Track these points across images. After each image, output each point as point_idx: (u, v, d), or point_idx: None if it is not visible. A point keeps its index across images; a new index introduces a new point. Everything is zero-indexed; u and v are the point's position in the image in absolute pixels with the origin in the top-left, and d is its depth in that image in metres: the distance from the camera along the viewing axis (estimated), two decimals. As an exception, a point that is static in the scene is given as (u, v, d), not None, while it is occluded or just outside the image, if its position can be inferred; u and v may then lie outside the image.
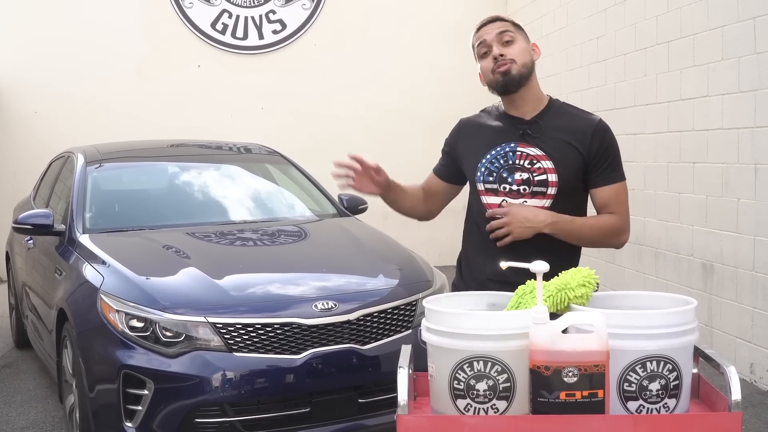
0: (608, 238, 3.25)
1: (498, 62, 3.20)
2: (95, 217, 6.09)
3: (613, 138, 3.26)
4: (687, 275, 7.21)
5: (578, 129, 3.22)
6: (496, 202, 3.22)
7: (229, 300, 4.80)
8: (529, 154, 3.20)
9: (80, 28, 11.47)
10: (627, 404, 2.33)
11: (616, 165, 3.24)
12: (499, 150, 3.25)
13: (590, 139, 3.20)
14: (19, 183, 10.76)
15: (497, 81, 3.22)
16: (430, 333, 2.43)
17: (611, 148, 3.24)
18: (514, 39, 3.24)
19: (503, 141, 3.26)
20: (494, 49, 3.21)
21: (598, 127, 3.23)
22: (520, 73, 3.20)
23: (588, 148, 3.19)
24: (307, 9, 11.96)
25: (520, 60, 3.21)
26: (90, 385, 4.71)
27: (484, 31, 3.27)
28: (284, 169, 7.23)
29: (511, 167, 3.21)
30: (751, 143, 6.29)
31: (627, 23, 8.25)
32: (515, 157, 3.21)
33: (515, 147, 3.23)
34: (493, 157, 3.25)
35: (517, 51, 3.22)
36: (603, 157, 3.20)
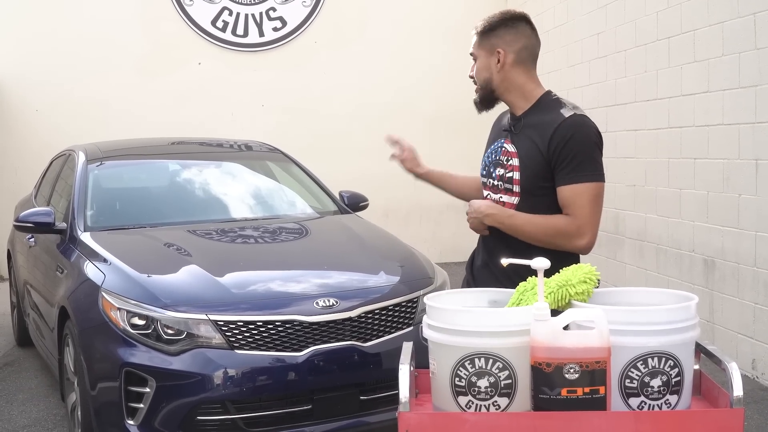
0: (555, 239, 3.12)
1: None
2: (96, 215, 6.09)
3: (582, 137, 3.12)
4: (688, 271, 7.21)
5: (543, 126, 3.16)
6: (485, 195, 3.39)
7: (230, 297, 4.80)
8: (508, 151, 3.26)
9: (81, 26, 11.47)
10: (628, 401, 2.33)
11: (578, 165, 3.09)
12: (495, 146, 3.36)
13: (550, 138, 3.11)
14: (21, 181, 10.77)
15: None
16: (431, 330, 2.43)
17: (573, 146, 3.09)
18: (476, 57, 3.33)
19: (499, 137, 3.37)
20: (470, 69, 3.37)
21: (564, 124, 3.11)
22: (480, 97, 3.35)
23: (547, 147, 3.11)
24: (308, 6, 11.95)
25: (479, 81, 3.33)
26: (92, 383, 4.71)
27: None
28: (285, 167, 7.23)
29: (496, 162, 3.31)
30: (751, 139, 6.28)
31: (627, 19, 8.24)
32: (501, 153, 3.30)
33: (502, 143, 3.32)
34: (491, 152, 3.37)
35: (476, 72, 3.33)
36: (562, 156, 3.09)
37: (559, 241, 3.12)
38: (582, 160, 3.10)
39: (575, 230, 3.11)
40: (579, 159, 3.10)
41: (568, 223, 3.11)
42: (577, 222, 3.11)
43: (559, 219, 3.12)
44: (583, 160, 3.10)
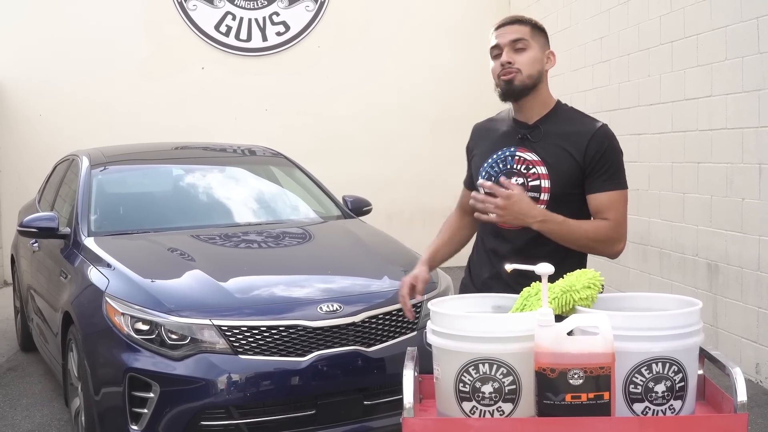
0: (599, 244, 3.19)
1: (504, 69, 3.19)
2: (100, 220, 6.10)
3: (614, 146, 3.21)
4: (692, 275, 7.21)
5: (576, 135, 3.19)
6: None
7: (234, 302, 4.81)
8: (526, 159, 3.19)
9: (84, 30, 11.48)
10: (633, 406, 2.33)
11: (614, 173, 3.18)
12: (500, 154, 3.26)
13: (587, 145, 3.16)
14: (24, 185, 10.79)
15: (499, 87, 3.24)
16: (435, 335, 2.43)
17: (609, 155, 3.18)
18: (527, 47, 3.21)
19: (505, 145, 3.27)
20: (504, 54, 3.20)
21: (597, 133, 3.19)
22: (522, 84, 3.19)
23: (584, 155, 3.16)
24: (311, 11, 11.97)
25: (527, 71, 3.19)
26: (95, 388, 4.71)
27: (500, 33, 3.25)
28: (288, 171, 7.23)
29: (508, 171, 3.20)
30: (755, 143, 6.28)
31: (630, 23, 8.24)
32: (513, 161, 3.21)
33: (515, 151, 3.23)
34: (494, 161, 3.26)
35: (526, 60, 3.19)
36: (599, 164, 3.16)
37: (600, 246, 3.22)
38: (618, 169, 3.20)
39: (617, 235, 3.20)
40: (615, 167, 3.19)
41: (610, 229, 3.18)
42: (618, 227, 3.20)
43: (602, 224, 3.18)
44: (618, 168, 3.21)
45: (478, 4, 11.98)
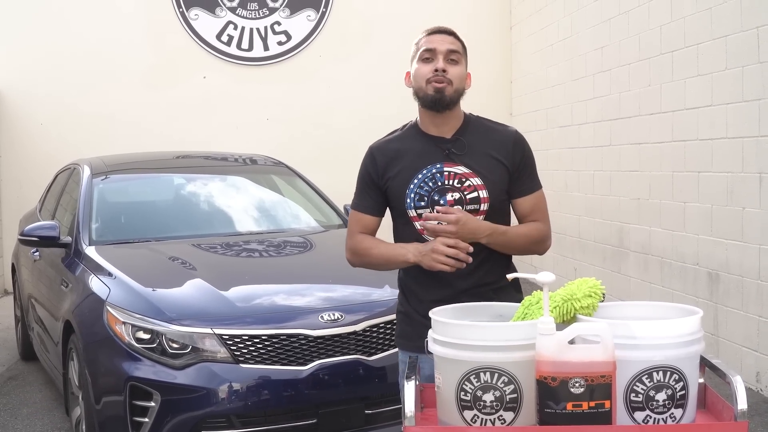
0: (535, 245, 3.28)
1: (438, 76, 3.16)
2: (101, 229, 6.11)
3: (530, 148, 3.32)
4: (693, 284, 7.21)
5: (499, 142, 3.24)
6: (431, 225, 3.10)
7: (235, 311, 4.81)
8: (457, 173, 3.17)
9: (86, 39, 11.50)
10: (634, 414, 2.33)
11: (534, 174, 3.30)
12: (426, 173, 3.19)
13: (512, 151, 3.22)
14: (25, 194, 10.79)
15: (428, 94, 3.18)
16: (436, 344, 2.44)
17: (529, 157, 3.29)
18: (459, 62, 3.22)
19: (428, 163, 3.20)
20: (439, 61, 3.18)
21: (517, 137, 3.28)
22: (451, 98, 3.18)
23: (511, 160, 3.21)
24: (312, 20, 11.99)
25: (456, 84, 3.18)
26: (96, 397, 4.71)
27: (436, 39, 3.24)
28: (290, 180, 7.24)
29: (441, 188, 3.16)
30: (755, 152, 6.29)
31: (631, 33, 8.25)
32: (443, 177, 3.17)
33: (442, 168, 3.18)
34: (421, 181, 3.18)
35: (457, 74, 3.19)
36: (524, 168, 3.25)
37: (537, 247, 3.30)
38: (535, 169, 3.33)
39: (548, 234, 3.32)
40: (534, 168, 3.32)
41: (542, 229, 3.28)
42: (548, 226, 3.32)
43: (535, 226, 3.27)
44: (535, 168, 3.33)
45: (481, 17, 12.00)
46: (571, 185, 9.87)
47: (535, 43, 10.99)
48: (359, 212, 3.41)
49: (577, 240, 9.72)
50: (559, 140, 10.19)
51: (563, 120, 10.00)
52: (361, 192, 3.42)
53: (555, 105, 10.34)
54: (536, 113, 10.99)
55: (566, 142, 9.97)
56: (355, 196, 3.46)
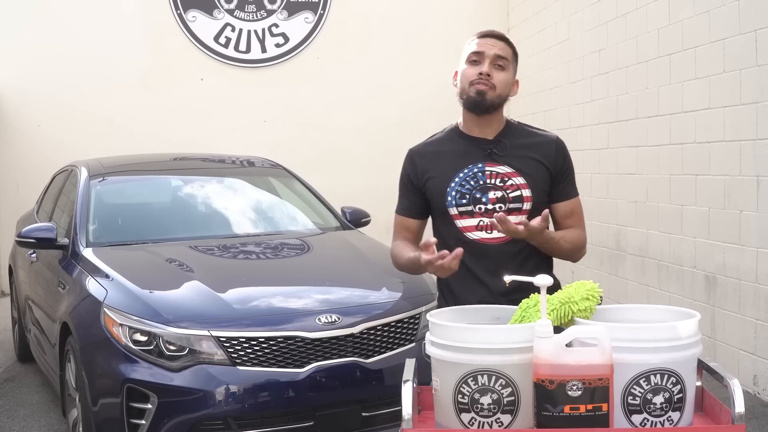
0: (576, 253, 3.31)
1: (481, 79, 3.19)
2: (98, 231, 6.10)
3: (569, 154, 3.36)
4: (690, 287, 7.21)
5: (541, 145, 3.29)
6: (473, 223, 3.19)
7: (232, 313, 4.81)
8: (499, 173, 3.20)
9: (84, 41, 11.49)
10: (631, 417, 2.33)
11: (573, 180, 3.35)
12: (468, 172, 3.22)
13: (555, 155, 3.27)
14: (22, 196, 10.77)
15: (469, 95, 3.22)
16: (434, 347, 2.44)
17: (570, 163, 3.34)
18: (506, 68, 3.23)
19: (470, 162, 3.24)
20: (485, 65, 3.20)
21: (559, 142, 3.33)
22: (492, 102, 3.20)
23: (554, 164, 3.26)
24: (310, 22, 11.99)
25: (500, 90, 3.20)
26: (93, 399, 4.71)
27: (485, 43, 3.24)
28: (287, 182, 7.23)
29: (483, 187, 3.19)
30: (753, 155, 6.29)
31: (629, 36, 8.26)
32: (485, 176, 3.20)
33: (483, 167, 3.22)
34: (462, 179, 3.22)
35: (502, 80, 3.21)
36: (565, 173, 3.30)
37: (577, 253, 3.33)
38: (574, 176, 3.37)
39: (585, 240, 3.36)
40: (573, 174, 3.36)
41: (583, 237, 3.33)
42: (585, 232, 3.36)
43: (577, 233, 3.31)
44: (574, 175, 3.37)
45: (478, 20, 11.95)
46: (568, 188, 9.85)
47: (532, 46, 11.00)
48: (401, 215, 3.46)
49: (575, 243, 9.70)
50: (556, 143, 10.18)
51: (561, 123, 9.99)
52: (402, 195, 3.45)
53: (552, 108, 10.35)
54: (534, 116, 10.99)
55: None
56: (398, 200, 3.48)
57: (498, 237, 3.16)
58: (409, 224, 3.42)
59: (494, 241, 3.18)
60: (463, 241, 3.18)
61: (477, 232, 3.20)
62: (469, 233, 3.20)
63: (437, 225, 3.34)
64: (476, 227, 3.20)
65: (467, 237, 3.20)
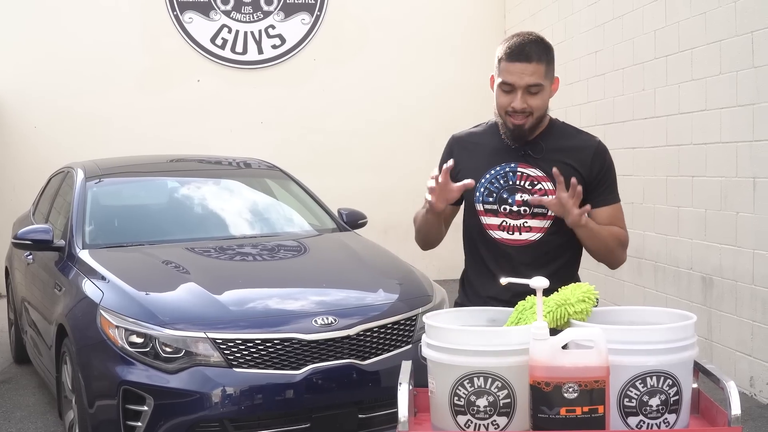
0: (619, 248, 3.23)
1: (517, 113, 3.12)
2: (95, 233, 6.09)
3: (612, 160, 3.29)
4: (686, 289, 7.21)
5: (578, 150, 3.23)
6: (496, 222, 3.19)
7: (228, 315, 4.80)
8: (530, 175, 3.18)
9: (80, 42, 11.48)
10: (627, 420, 2.33)
11: (614, 186, 3.27)
12: (499, 170, 3.21)
13: (591, 161, 3.21)
14: (19, 197, 10.76)
15: (507, 126, 3.17)
16: (430, 349, 2.43)
17: (611, 169, 3.27)
18: (540, 90, 3.13)
19: (503, 161, 3.22)
20: (518, 100, 3.10)
21: (599, 149, 3.25)
22: (531, 126, 3.16)
23: (589, 170, 3.20)
24: (307, 24, 11.98)
25: (537, 113, 3.14)
26: (89, 401, 4.70)
27: (515, 72, 3.11)
28: (284, 184, 7.23)
29: (511, 188, 3.18)
30: (749, 157, 6.30)
31: (625, 37, 8.27)
32: (515, 177, 3.19)
33: (515, 167, 3.20)
34: (493, 177, 3.21)
35: (539, 104, 3.14)
36: (603, 179, 3.23)
37: (620, 251, 3.26)
38: (615, 182, 3.30)
39: (628, 242, 3.29)
40: (614, 181, 3.28)
41: (626, 235, 3.27)
42: (627, 235, 3.29)
43: (620, 230, 3.25)
44: (615, 181, 3.30)
45: (475, 22, 12.01)
46: (565, 189, 9.86)
47: (529, 48, 10.99)
48: None
49: (571, 244, 9.71)
50: (553, 144, 10.18)
51: (557, 124, 10.00)
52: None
53: (549, 109, 10.33)
54: (530, 117, 11.00)
55: (560, 147, 9.97)
56: None
57: (519, 239, 3.17)
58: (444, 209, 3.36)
59: (515, 242, 3.18)
60: (486, 238, 3.21)
61: (499, 232, 3.20)
62: (491, 231, 3.21)
63: (465, 216, 3.35)
64: (499, 227, 3.20)
65: (489, 235, 3.21)
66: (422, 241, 3.47)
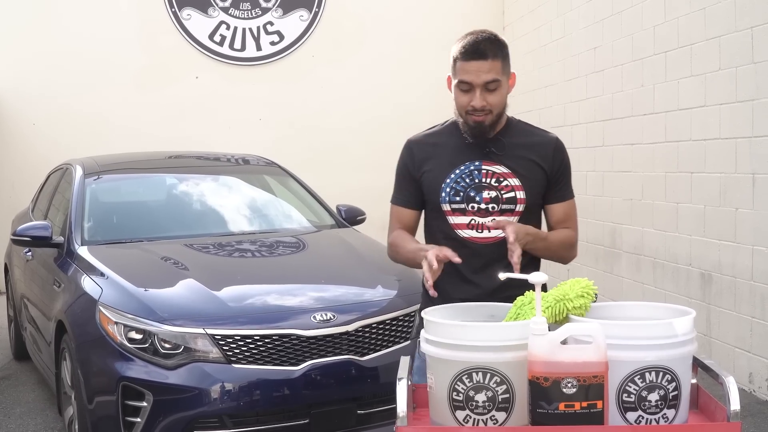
0: (567, 252, 3.30)
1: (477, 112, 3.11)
2: (93, 229, 6.09)
3: (568, 156, 3.34)
4: (685, 285, 7.21)
5: (540, 146, 3.25)
6: (464, 221, 3.18)
7: (227, 311, 4.80)
8: (495, 172, 3.18)
9: (79, 40, 11.47)
10: (626, 415, 2.32)
11: (569, 182, 3.33)
12: (464, 169, 3.19)
13: (552, 157, 3.24)
14: (18, 194, 10.76)
15: (468, 123, 3.15)
16: (428, 344, 2.43)
17: (568, 164, 3.31)
18: (498, 87, 3.11)
19: (467, 159, 3.20)
20: (477, 98, 3.09)
21: (558, 144, 3.29)
22: (491, 124, 3.15)
23: (551, 165, 3.23)
24: (305, 20, 11.97)
25: (497, 110, 3.13)
26: (89, 397, 4.71)
27: (472, 70, 3.09)
28: (282, 180, 7.23)
29: (477, 186, 3.17)
30: (748, 153, 6.29)
31: (624, 33, 8.26)
32: (481, 175, 3.18)
33: (480, 165, 3.19)
34: (458, 176, 3.19)
35: (497, 100, 3.12)
36: (562, 174, 3.28)
37: (568, 253, 3.31)
38: (570, 177, 3.34)
39: (576, 243, 3.34)
40: (569, 176, 3.34)
41: (574, 236, 3.32)
42: (577, 235, 3.34)
43: (568, 233, 3.30)
44: (570, 176, 3.34)
45: (473, 18, 11.95)
46: (564, 186, 9.85)
47: (527, 44, 10.99)
48: (398, 206, 3.41)
49: (570, 240, 9.71)
50: (552, 141, 10.17)
51: (556, 120, 9.99)
52: (399, 185, 3.40)
53: (548, 105, 10.34)
54: (529, 114, 10.97)
55: (559, 143, 9.96)
56: (394, 190, 3.43)
57: (488, 237, 3.16)
58: (405, 215, 3.38)
59: (484, 240, 3.17)
60: (453, 237, 3.19)
61: (468, 231, 3.19)
62: (459, 231, 3.19)
63: (429, 218, 3.33)
64: (467, 225, 3.19)
65: (458, 234, 3.20)
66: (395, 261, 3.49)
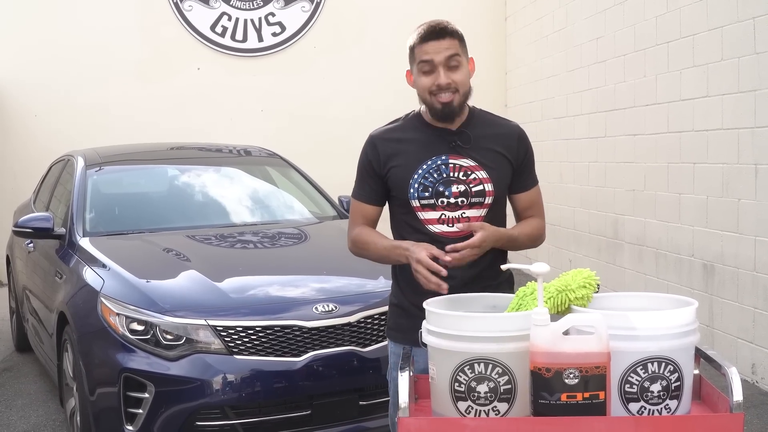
0: (535, 243, 3.33)
1: (443, 90, 3.11)
2: (95, 221, 6.09)
3: (531, 143, 3.35)
4: (688, 276, 7.21)
5: (505, 137, 3.26)
6: (435, 216, 3.15)
7: (229, 303, 4.80)
8: (462, 166, 3.16)
9: (80, 31, 11.46)
10: (628, 406, 2.32)
11: (533, 169, 3.36)
12: (431, 164, 3.17)
13: (517, 147, 3.26)
14: (19, 186, 10.76)
15: (435, 107, 3.15)
16: (430, 335, 2.43)
17: (532, 153, 3.34)
18: (460, 64, 3.13)
19: (433, 154, 3.18)
20: (441, 75, 3.10)
21: (521, 135, 3.30)
22: (460, 104, 3.16)
23: (516, 155, 3.25)
24: (307, 11, 11.95)
25: (462, 89, 3.14)
26: (91, 389, 4.71)
27: (432, 49, 3.13)
28: (284, 172, 7.22)
29: (446, 180, 3.15)
30: (751, 143, 6.28)
31: (626, 24, 8.24)
32: (449, 169, 3.16)
33: (447, 160, 3.17)
34: (426, 171, 3.17)
35: (461, 78, 3.13)
36: (526, 164, 3.30)
37: (534, 244, 3.34)
38: (534, 165, 3.38)
39: (544, 230, 3.38)
40: (533, 164, 3.37)
41: (542, 226, 3.36)
42: (544, 222, 3.38)
43: (535, 223, 3.33)
44: (534, 164, 3.38)
45: (475, 8, 11.96)
46: (566, 177, 9.86)
47: (530, 35, 10.98)
48: (360, 201, 3.37)
49: (572, 231, 9.72)
50: (554, 132, 10.19)
51: (558, 111, 9.99)
52: (362, 180, 3.36)
53: (550, 96, 10.33)
54: (531, 104, 10.99)
55: (561, 134, 9.97)
56: (355, 185, 3.39)
57: (458, 231, 3.14)
58: (368, 210, 3.36)
59: (454, 234, 3.13)
60: (423, 232, 3.17)
61: (438, 225, 3.17)
62: (430, 226, 3.17)
63: (396, 213, 3.29)
64: (438, 220, 3.17)
65: (428, 229, 3.18)
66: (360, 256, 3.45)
